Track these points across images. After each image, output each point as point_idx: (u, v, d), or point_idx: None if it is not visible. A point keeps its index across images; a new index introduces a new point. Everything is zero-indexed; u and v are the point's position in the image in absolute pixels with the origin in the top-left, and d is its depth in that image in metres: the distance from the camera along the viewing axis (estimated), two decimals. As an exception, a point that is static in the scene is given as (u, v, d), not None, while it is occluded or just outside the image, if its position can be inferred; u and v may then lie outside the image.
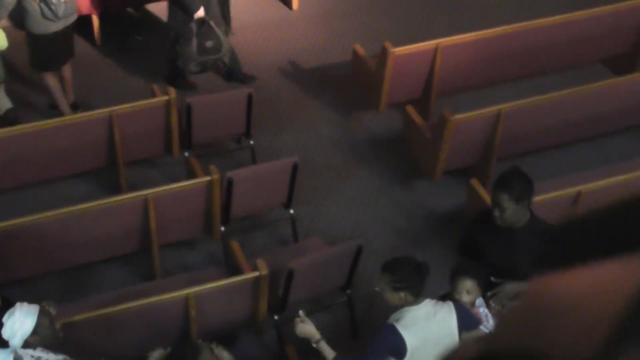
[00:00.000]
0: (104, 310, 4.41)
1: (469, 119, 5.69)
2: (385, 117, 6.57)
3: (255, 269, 4.67)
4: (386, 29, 7.42)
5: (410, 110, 6.11)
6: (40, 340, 3.52)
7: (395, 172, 6.26)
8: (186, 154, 5.96)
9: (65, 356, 3.60)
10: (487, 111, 5.74)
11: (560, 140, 6.24)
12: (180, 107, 5.79)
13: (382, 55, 6.19)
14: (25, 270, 5.16)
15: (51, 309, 3.72)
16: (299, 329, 3.79)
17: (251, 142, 6.15)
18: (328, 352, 3.76)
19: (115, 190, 5.76)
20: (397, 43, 6.17)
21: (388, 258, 3.83)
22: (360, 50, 6.61)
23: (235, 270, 4.93)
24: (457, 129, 5.66)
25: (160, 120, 5.82)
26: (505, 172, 4.13)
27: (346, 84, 6.90)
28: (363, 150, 6.46)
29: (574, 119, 6.10)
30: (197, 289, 4.57)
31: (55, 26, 6.00)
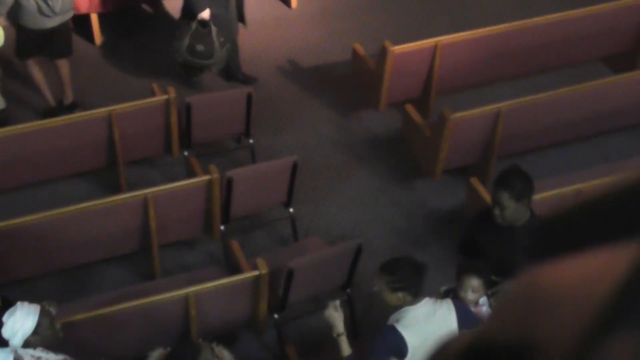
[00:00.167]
0: (104, 310, 4.41)
1: (468, 117, 5.68)
2: (385, 117, 6.57)
3: (255, 268, 4.67)
4: (385, 28, 7.42)
5: (410, 109, 6.10)
6: (40, 340, 3.52)
7: (395, 172, 6.25)
8: (186, 153, 5.96)
9: (65, 356, 3.59)
10: (487, 109, 5.74)
11: (559, 139, 6.24)
12: (180, 107, 5.79)
13: (382, 54, 6.19)
14: (25, 270, 5.16)
15: (51, 308, 3.72)
16: (328, 314, 3.75)
17: (251, 142, 6.15)
18: (345, 348, 3.74)
19: (115, 190, 5.75)
20: (397, 42, 6.17)
21: (387, 258, 3.83)
22: (360, 49, 6.61)
23: (235, 270, 4.92)
24: (457, 127, 5.66)
25: (159, 120, 5.82)
26: (505, 171, 4.14)
27: (346, 83, 6.90)
28: (363, 150, 6.45)
29: (573, 118, 6.10)
30: (197, 289, 4.57)
31: (51, 22, 5.99)
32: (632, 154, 6.05)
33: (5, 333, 3.48)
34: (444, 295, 4.07)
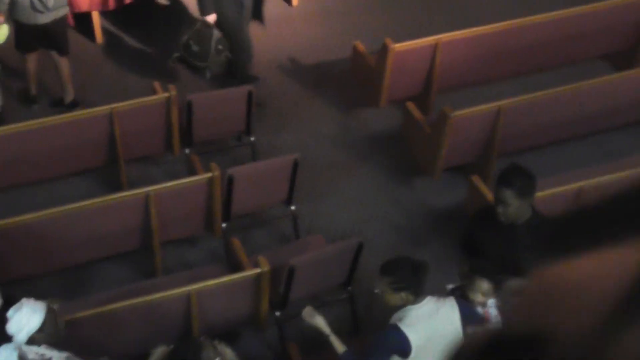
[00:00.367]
0: (106, 308, 4.42)
1: (469, 115, 5.69)
2: (385, 114, 6.57)
3: (256, 266, 4.68)
4: (385, 26, 7.40)
5: (411, 106, 6.11)
6: (44, 337, 3.53)
7: (395, 170, 6.26)
8: (187, 151, 5.96)
9: (69, 354, 3.60)
10: (487, 107, 5.75)
11: (560, 137, 6.25)
12: (181, 105, 5.80)
13: (383, 52, 6.19)
14: (26, 269, 5.16)
15: (55, 306, 3.73)
16: (308, 323, 3.80)
17: (252, 139, 6.16)
18: (338, 346, 3.76)
19: (116, 188, 5.75)
20: (396, 40, 6.17)
21: (387, 257, 3.83)
22: (360, 46, 6.62)
23: (236, 268, 4.94)
24: (457, 125, 5.66)
25: (161, 118, 5.82)
26: (508, 168, 4.13)
27: (346, 81, 6.90)
28: (363, 148, 6.46)
29: (573, 116, 6.11)
30: (199, 286, 4.58)
31: (44, 18, 6.00)
32: (633, 151, 6.06)
33: (11, 329, 3.49)
34: (451, 293, 4.07)
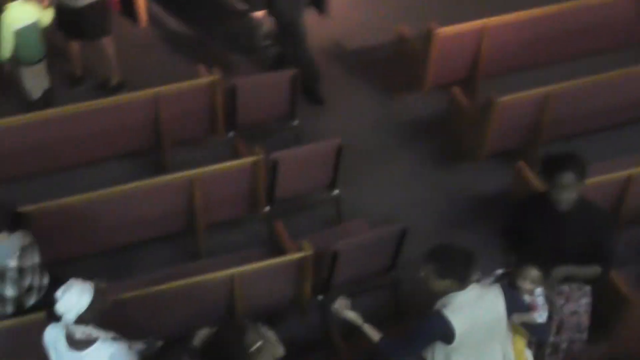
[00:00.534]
0: (150, 289, 4.47)
1: (515, 100, 5.62)
2: (429, 99, 6.52)
3: (299, 249, 4.68)
4: (430, 9, 7.32)
5: (457, 91, 6.05)
6: (92, 317, 3.57)
7: (439, 155, 6.21)
8: (231, 134, 5.98)
9: (114, 333, 3.65)
10: (534, 93, 5.67)
11: (608, 123, 6.14)
12: (226, 88, 5.80)
13: (427, 36, 6.13)
14: (72, 251, 5.23)
15: (102, 286, 3.76)
16: (343, 316, 3.86)
17: (295, 123, 6.15)
18: (373, 334, 3.77)
19: (160, 171, 5.79)
20: (443, 24, 6.11)
21: (429, 243, 3.80)
22: (404, 30, 6.55)
23: (279, 251, 4.94)
24: (503, 111, 5.60)
25: (205, 102, 5.84)
26: (558, 155, 4.05)
27: (390, 65, 6.84)
28: (406, 132, 6.42)
29: (623, 101, 6.00)
30: (242, 269, 4.60)
31: (82, 1, 6.05)
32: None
33: (60, 309, 3.53)
34: (499, 279, 4.03)
